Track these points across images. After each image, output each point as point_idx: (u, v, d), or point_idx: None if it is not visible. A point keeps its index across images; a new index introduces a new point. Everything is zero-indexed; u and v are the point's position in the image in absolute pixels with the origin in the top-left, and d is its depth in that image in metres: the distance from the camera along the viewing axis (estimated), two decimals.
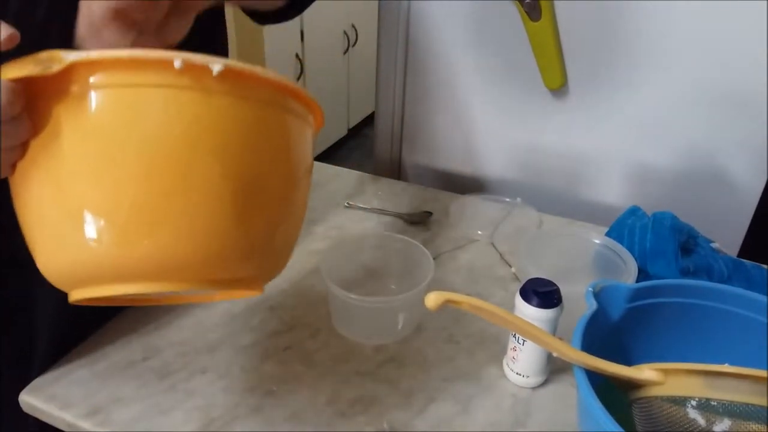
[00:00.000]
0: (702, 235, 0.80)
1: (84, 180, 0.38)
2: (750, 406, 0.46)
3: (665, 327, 0.59)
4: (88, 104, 0.37)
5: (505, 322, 0.48)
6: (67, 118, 0.37)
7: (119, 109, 0.37)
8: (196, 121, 0.38)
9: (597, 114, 0.98)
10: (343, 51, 2.77)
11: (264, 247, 0.44)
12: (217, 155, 0.39)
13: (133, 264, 0.39)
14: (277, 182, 0.44)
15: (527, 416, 0.62)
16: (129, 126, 0.37)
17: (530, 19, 0.93)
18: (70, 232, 0.38)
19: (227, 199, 0.40)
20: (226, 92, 0.39)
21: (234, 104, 0.40)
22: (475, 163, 1.11)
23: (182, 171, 0.38)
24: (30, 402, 0.61)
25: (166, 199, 0.38)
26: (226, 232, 0.40)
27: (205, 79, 0.38)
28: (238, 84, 0.39)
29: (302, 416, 0.61)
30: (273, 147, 0.43)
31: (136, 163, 0.37)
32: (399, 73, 1.10)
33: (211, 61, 0.37)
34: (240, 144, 0.40)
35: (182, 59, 0.37)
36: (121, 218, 0.38)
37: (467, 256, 0.87)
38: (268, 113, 0.42)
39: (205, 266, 0.41)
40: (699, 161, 0.95)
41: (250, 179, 0.41)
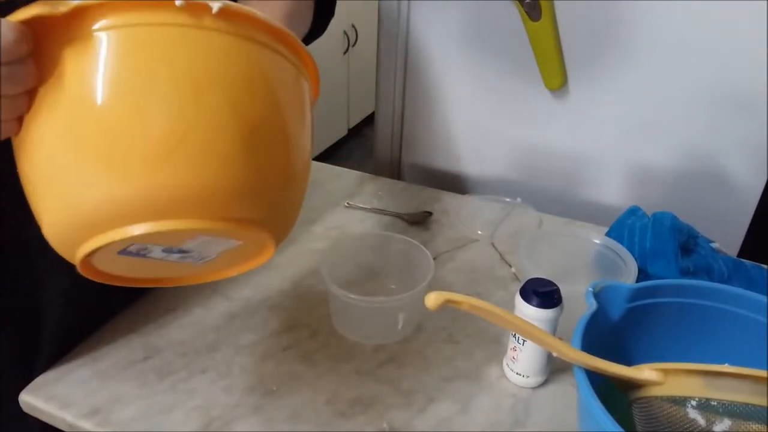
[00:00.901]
0: (702, 235, 0.80)
1: (96, 119, 0.38)
2: (750, 406, 0.46)
3: (665, 327, 0.59)
4: (96, 45, 0.38)
5: (505, 322, 0.48)
6: (75, 61, 0.38)
7: (126, 49, 0.38)
8: (199, 57, 0.40)
9: (597, 114, 0.98)
10: (343, 51, 2.77)
11: (272, 187, 0.45)
12: (223, 91, 0.40)
13: (146, 198, 0.39)
14: (281, 124, 0.45)
15: (527, 416, 0.62)
16: (136, 64, 0.38)
17: (530, 19, 0.93)
18: (83, 175, 0.39)
19: (236, 134, 0.41)
20: (227, 31, 0.40)
21: (235, 44, 0.41)
22: (474, 163, 1.11)
23: (189, 103, 0.39)
24: (30, 402, 0.61)
25: (177, 132, 0.39)
26: (236, 165, 0.41)
27: (206, 18, 0.39)
28: (238, 24, 0.41)
29: (302, 416, 0.61)
30: (274, 89, 0.44)
31: (146, 100, 0.38)
32: (399, 73, 1.10)
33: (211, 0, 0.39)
34: (244, 82, 0.41)
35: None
36: (135, 152, 0.38)
37: (467, 256, 0.87)
38: (268, 56, 0.43)
39: (218, 200, 0.41)
40: (699, 161, 0.95)
41: (256, 117, 0.42)
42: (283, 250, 0.86)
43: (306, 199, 1.05)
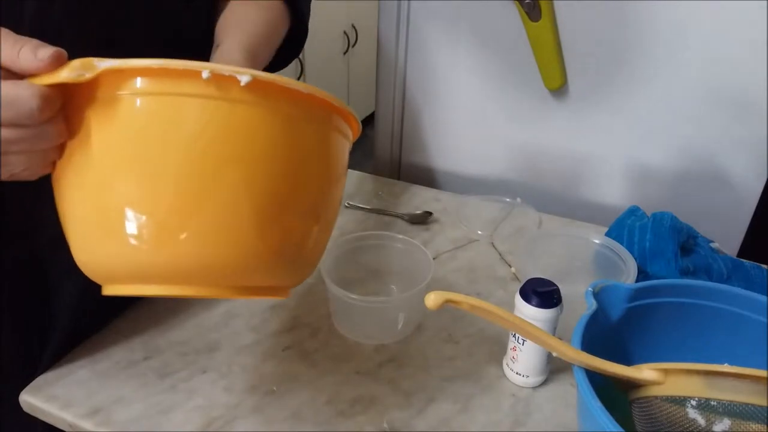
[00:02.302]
0: (702, 235, 0.80)
1: (115, 183, 0.39)
2: (750, 406, 0.46)
3: (665, 327, 0.59)
4: (119, 110, 0.38)
5: (505, 322, 0.49)
6: (99, 123, 0.38)
7: (147, 117, 0.38)
8: (221, 130, 0.38)
9: (597, 114, 0.98)
10: (343, 51, 2.77)
11: (289, 257, 0.44)
12: (242, 167, 0.39)
13: (159, 268, 0.40)
14: (304, 195, 0.44)
15: (527, 416, 0.62)
16: (156, 132, 0.38)
17: (530, 19, 0.93)
18: (102, 232, 0.40)
19: (250, 210, 0.40)
20: (254, 102, 0.39)
21: (261, 116, 0.40)
22: (474, 163, 1.11)
23: (205, 179, 0.38)
24: (30, 402, 0.61)
25: (189, 206, 0.39)
26: (249, 242, 0.41)
27: (233, 89, 0.38)
28: (266, 95, 0.39)
29: (302, 416, 0.61)
30: (301, 159, 0.43)
31: (162, 169, 0.38)
32: (399, 73, 1.10)
33: (239, 72, 0.38)
34: (265, 157, 0.40)
35: (210, 70, 0.37)
36: (150, 219, 0.39)
37: (467, 256, 0.87)
38: (296, 125, 0.42)
39: (228, 274, 0.42)
40: (699, 161, 0.95)
41: (275, 190, 0.41)
42: None
43: None
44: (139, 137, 0.38)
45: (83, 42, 0.57)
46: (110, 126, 0.38)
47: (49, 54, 0.37)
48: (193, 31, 0.67)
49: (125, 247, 0.39)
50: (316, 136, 0.44)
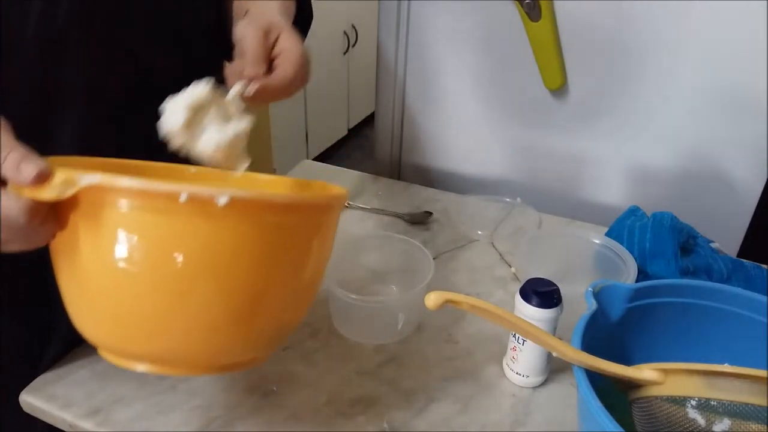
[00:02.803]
0: (702, 235, 0.80)
1: (99, 283, 0.41)
2: (750, 406, 0.46)
3: (665, 327, 0.59)
4: (101, 220, 0.39)
5: (505, 322, 0.49)
6: (84, 228, 0.40)
7: (127, 229, 0.39)
8: (199, 245, 0.40)
9: (597, 114, 0.98)
10: (343, 51, 2.77)
11: (267, 340, 0.48)
12: (216, 277, 0.41)
13: (139, 355, 0.44)
14: (284, 290, 0.46)
15: (527, 416, 0.62)
16: (135, 244, 0.40)
17: (530, 19, 0.93)
18: (89, 316, 0.44)
19: (225, 313, 0.42)
20: (234, 218, 0.40)
21: (241, 229, 0.41)
22: (475, 163, 1.11)
23: (181, 287, 0.40)
24: (30, 402, 0.61)
25: (164, 310, 0.41)
26: (223, 338, 0.44)
27: (211, 207, 0.39)
28: (246, 209, 0.41)
29: (302, 416, 0.61)
30: (281, 261, 0.44)
31: (140, 277, 0.40)
32: (399, 73, 1.10)
33: (218, 193, 0.38)
34: (241, 266, 0.42)
35: (188, 193, 0.38)
36: (123, 320, 0.42)
37: (467, 256, 0.87)
38: (277, 232, 0.43)
39: (208, 362, 0.45)
40: (699, 161, 0.95)
41: (249, 294, 0.43)
42: None
43: None
44: (118, 247, 0.40)
45: (88, 42, 0.57)
46: (93, 233, 0.40)
47: (32, 175, 0.38)
48: (194, 30, 0.68)
49: (108, 334, 0.43)
50: (298, 237, 0.46)
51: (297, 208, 0.44)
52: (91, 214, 0.39)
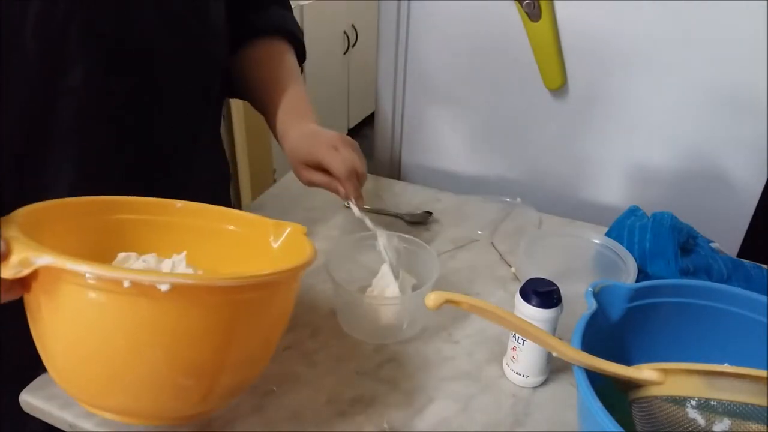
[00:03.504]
0: (702, 235, 0.80)
1: (53, 344, 0.46)
2: (750, 406, 0.46)
3: (665, 327, 0.59)
4: (57, 294, 0.43)
5: (505, 322, 0.49)
6: (45, 298, 0.44)
7: (78, 304, 0.43)
8: (142, 323, 0.43)
9: (597, 114, 0.98)
10: (343, 51, 2.76)
11: (213, 400, 0.51)
12: (161, 347, 0.44)
13: (97, 405, 0.49)
14: (226, 361, 0.48)
15: (527, 416, 0.62)
16: (86, 318, 0.44)
17: (530, 19, 0.93)
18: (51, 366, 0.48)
19: (170, 381, 0.46)
20: (175, 299, 0.43)
21: (184, 309, 0.44)
22: (475, 163, 1.11)
23: (126, 358, 0.44)
24: (30, 402, 0.61)
25: (114, 373, 0.45)
26: (171, 401, 0.47)
27: (154, 292, 0.41)
28: (189, 293, 0.43)
29: (302, 416, 0.61)
30: (224, 338, 0.47)
31: (92, 346, 0.44)
32: (399, 73, 1.10)
33: (159, 281, 0.41)
34: (187, 341, 0.45)
35: (131, 281, 0.41)
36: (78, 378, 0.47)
37: (467, 256, 0.87)
38: (218, 311, 0.46)
39: (157, 417, 0.50)
40: (699, 161, 0.95)
41: (195, 364, 0.46)
42: None
43: (306, 199, 1.05)
44: (71, 318, 0.44)
45: (87, 41, 0.57)
46: (50, 302, 0.44)
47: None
48: (195, 27, 0.68)
49: (69, 387, 0.48)
50: (245, 312, 0.48)
51: (240, 289, 0.46)
52: (48, 286, 0.43)
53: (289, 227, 0.62)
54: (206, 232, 0.62)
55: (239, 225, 0.63)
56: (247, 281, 0.45)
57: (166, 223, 0.61)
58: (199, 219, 0.62)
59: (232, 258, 0.62)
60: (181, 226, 0.62)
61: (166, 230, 0.61)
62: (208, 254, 0.61)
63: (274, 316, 0.52)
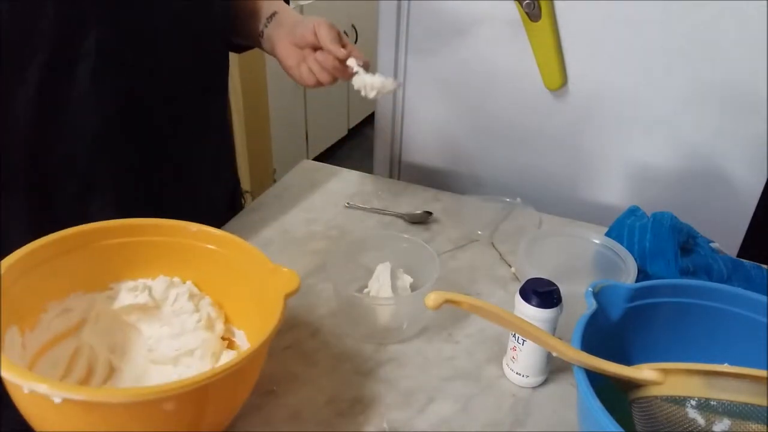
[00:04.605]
0: (702, 235, 0.80)
1: None
2: (750, 406, 0.46)
3: (665, 327, 0.59)
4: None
5: (505, 322, 0.49)
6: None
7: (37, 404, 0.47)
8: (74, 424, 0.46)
9: (597, 114, 0.98)
10: None
11: None
12: None
13: None
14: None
15: (527, 416, 0.62)
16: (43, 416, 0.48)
17: (530, 19, 0.93)
18: None
19: None
20: (76, 410, 0.45)
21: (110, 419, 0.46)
22: (474, 163, 1.11)
23: None
24: None
25: None
26: None
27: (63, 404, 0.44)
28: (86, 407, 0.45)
29: (302, 416, 0.61)
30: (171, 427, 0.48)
31: None
32: (399, 72, 1.10)
33: (54, 395, 0.43)
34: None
35: (62, 398, 0.43)
36: None
37: (467, 256, 0.87)
38: (151, 414, 0.47)
39: None
40: (699, 161, 0.95)
41: None
42: (283, 250, 0.86)
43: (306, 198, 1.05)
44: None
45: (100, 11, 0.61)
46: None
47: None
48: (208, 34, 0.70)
49: None
50: (184, 414, 0.49)
51: (169, 400, 0.46)
52: None
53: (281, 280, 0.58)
54: (216, 257, 0.63)
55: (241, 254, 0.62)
56: (151, 396, 0.45)
57: (181, 245, 0.63)
58: (211, 244, 0.63)
59: (237, 288, 0.63)
60: (194, 249, 0.63)
61: (180, 252, 0.63)
62: (216, 280, 0.64)
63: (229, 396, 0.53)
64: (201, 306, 0.63)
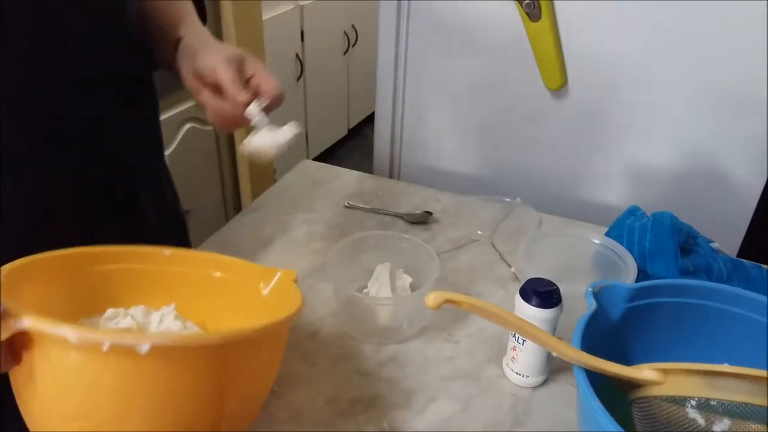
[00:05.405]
0: (702, 235, 0.80)
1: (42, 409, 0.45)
2: (750, 406, 0.46)
3: (665, 327, 0.59)
4: (39, 356, 0.43)
5: (505, 322, 0.49)
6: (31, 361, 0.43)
7: (60, 366, 0.43)
8: (123, 384, 0.43)
9: (597, 114, 0.98)
10: (343, 51, 2.76)
11: None
12: (147, 412, 0.44)
13: None
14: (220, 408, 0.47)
15: (527, 416, 0.62)
16: (66, 382, 0.43)
17: (530, 19, 0.93)
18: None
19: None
20: (157, 358, 0.42)
21: (165, 367, 0.43)
22: (475, 163, 1.12)
23: (114, 417, 0.43)
24: None
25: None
26: None
27: (134, 353, 0.41)
28: (169, 354, 0.43)
29: (302, 416, 0.61)
30: (213, 388, 0.46)
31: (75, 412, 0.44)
32: (399, 73, 1.10)
33: (138, 342, 0.41)
34: (166, 398, 0.44)
35: (110, 343, 0.40)
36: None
37: (467, 256, 0.87)
38: (204, 366, 0.45)
39: None
40: (699, 161, 0.95)
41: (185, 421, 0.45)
42: (283, 250, 0.86)
43: (306, 199, 1.05)
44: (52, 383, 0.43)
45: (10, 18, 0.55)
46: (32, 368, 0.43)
47: None
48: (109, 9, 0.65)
49: None
50: (232, 364, 0.47)
51: (224, 346, 0.45)
52: (33, 348, 0.43)
53: (279, 273, 0.60)
54: (195, 279, 0.61)
55: (228, 272, 0.62)
56: (230, 338, 0.45)
57: (154, 272, 0.61)
58: (187, 267, 0.61)
59: (222, 306, 0.61)
60: (169, 274, 0.61)
61: (154, 279, 0.60)
62: (198, 303, 0.61)
63: (264, 366, 0.52)
64: (188, 326, 0.60)
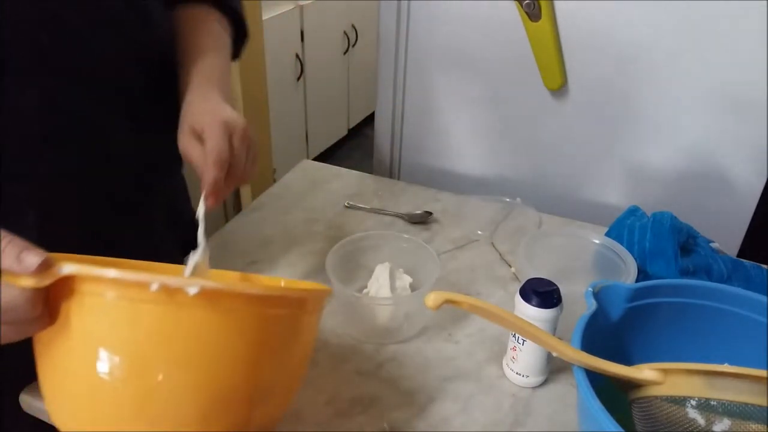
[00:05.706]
0: (702, 235, 0.80)
1: (76, 369, 0.43)
2: (750, 406, 0.46)
3: (665, 327, 0.59)
4: (81, 305, 0.42)
5: (505, 322, 0.49)
6: (64, 316, 0.42)
7: (103, 315, 0.42)
8: (169, 334, 0.42)
9: (597, 114, 0.98)
10: (343, 51, 2.76)
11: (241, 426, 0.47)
12: (189, 367, 0.42)
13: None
14: (254, 382, 0.46)
15: (527, 416, 0.62)
16: (107, 331, 0.42)
17: (530, 19, 0.93)
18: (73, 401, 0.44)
19: (195, 406, 0.43)
20: (204, 307, 0.41)
21: (212, 318, 0.42)
22: (474, 163, 1.12)
23: (152, 377, 0.41)
24: (30, 402, 0.61)
25: (140, 397, 0.42)
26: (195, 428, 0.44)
27: (181, 297, 0.40)
28: (217, 299, 0.42)
29: (302, 416, 0.61)
30: (251, 352, 0.45)
31: (115, 366, 0.41)
32: (399, 73, 1.10)
33: (188, 284, 0.40)
34: (213, 355, 0.43)
35: (159, 283, 0.39)
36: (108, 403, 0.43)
37: (467, 256, 0.87)
38: (247, 323, 0.44)
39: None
40: (699, 161, 0.95)
41: (220, 387, 0.44)
42: (283, 250, 0.86)
43: (306, 199, 1.05)
44: (93, 333, 0.42)
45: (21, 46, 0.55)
46: (72, 320, 0.42)
47: (35, 264, 0.40)
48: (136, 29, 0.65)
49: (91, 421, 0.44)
50: (272, 329, 0.46)
51: (267, 299, 0.45)
52: (73, 298, 0.42)
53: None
54: None
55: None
56: (271, 290, 0.45)
57: None
58: None
59: None
60: None
61: None
62: None
63: (301, 341, 0.50)
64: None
